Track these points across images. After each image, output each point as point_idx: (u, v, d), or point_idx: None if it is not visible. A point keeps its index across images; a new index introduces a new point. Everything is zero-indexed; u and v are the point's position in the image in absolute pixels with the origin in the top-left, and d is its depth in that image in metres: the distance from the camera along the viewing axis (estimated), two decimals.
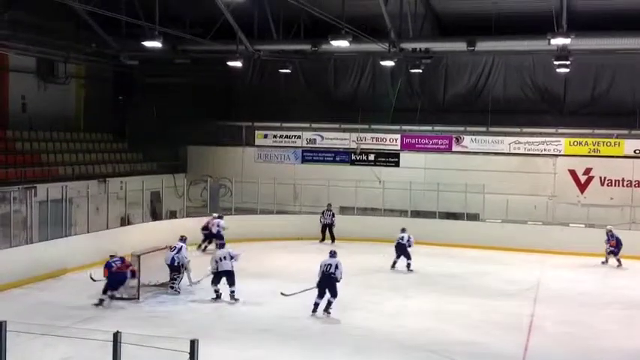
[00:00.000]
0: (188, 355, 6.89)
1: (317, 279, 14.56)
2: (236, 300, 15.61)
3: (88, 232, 19.48)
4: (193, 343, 6.90)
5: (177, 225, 21.24)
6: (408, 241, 19.66)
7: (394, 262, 19.67)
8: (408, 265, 19.51)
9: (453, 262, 20.65)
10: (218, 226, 21.45)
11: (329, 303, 14.39)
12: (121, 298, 15.32)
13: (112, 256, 15.59)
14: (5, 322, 7.52)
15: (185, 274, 16.62)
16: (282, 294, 15.41)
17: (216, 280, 15.72)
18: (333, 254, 14.83)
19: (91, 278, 15.94)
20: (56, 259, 17.70)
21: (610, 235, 20.74)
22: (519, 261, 21.06)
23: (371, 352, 12.20)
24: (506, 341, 13.10)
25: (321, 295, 14.44)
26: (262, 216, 24.47)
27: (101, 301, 14.89)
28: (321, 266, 14.60)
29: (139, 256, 15.67)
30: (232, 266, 15.73)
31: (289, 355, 11.92)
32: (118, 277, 15.24)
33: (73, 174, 23.09)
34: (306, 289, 14.85)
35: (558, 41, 19.14)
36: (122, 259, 15.64)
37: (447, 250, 22.17)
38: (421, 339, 13.04)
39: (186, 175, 27.64)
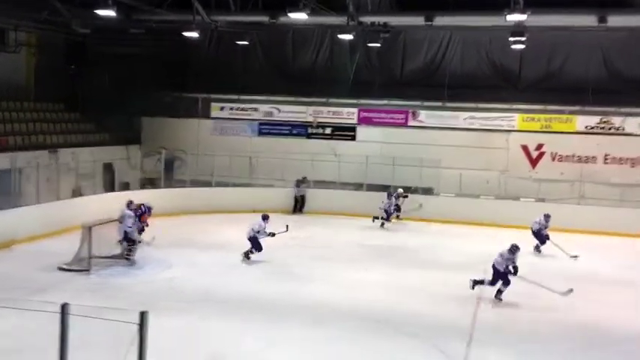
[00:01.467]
0: (138, 327, 6.81)
1: None
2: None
3: (38, 202, 19.09)
4: (143, 315, 6.82)
5: (130, 197, 20.88)
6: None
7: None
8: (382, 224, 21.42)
9: (408, 235, 20.87)
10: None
11: None
12: (72, 270, 15.10)
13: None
14: None
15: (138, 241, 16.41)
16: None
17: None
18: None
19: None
20: (4, 229, 17.26)
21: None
22: (472, 234, 21.39)
23: (327, 322, 12.27)
24: (457, 312, 13.35)
25: None
26: (218, 189, 24.31)
27: None
28: None
29: (89, 228, 15.42)
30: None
31: (245, 327, 11.91)
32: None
33: (23, 144, 22.54)
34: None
35: (515, 17, 19.24)
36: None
37: (401, 224, 22.41)
38: (375, 310, 13.18)
39: (140, 147, 27.26)
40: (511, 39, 21.77)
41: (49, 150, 22.73)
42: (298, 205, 24.46)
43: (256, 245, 17.01)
